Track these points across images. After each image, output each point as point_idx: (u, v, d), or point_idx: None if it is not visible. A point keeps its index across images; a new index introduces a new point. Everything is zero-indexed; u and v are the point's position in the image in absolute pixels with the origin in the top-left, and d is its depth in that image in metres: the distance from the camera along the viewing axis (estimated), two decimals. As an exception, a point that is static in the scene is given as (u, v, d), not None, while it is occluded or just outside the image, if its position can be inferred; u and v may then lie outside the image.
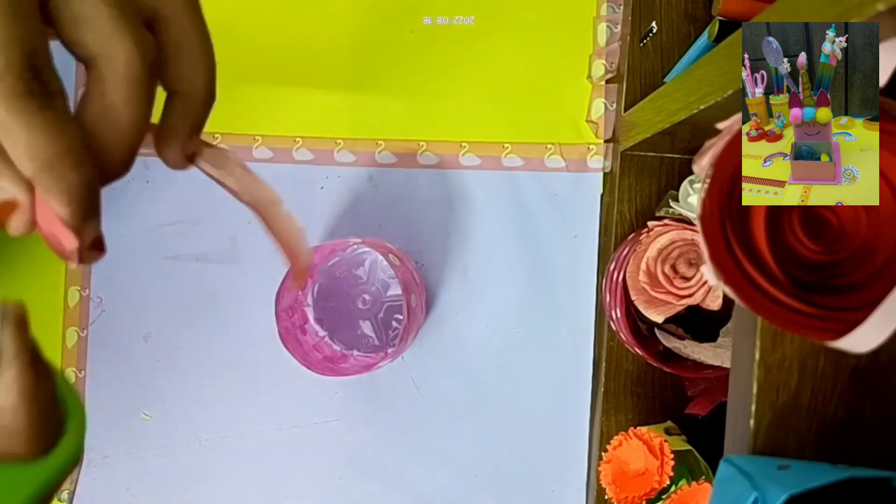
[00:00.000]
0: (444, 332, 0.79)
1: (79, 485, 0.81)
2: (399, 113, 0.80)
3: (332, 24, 0.80)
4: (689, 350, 0.59)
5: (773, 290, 0.32)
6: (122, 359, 0.81)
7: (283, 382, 0.79)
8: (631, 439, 0.62)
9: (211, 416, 0.81)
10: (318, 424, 0.80)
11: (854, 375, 0.37)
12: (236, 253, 0.81)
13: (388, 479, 0.79)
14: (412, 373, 0.79)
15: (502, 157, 0.79)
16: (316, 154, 0.80)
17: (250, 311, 0.79)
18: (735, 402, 0.40)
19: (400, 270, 0.71)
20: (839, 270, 0.34)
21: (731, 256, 0.33)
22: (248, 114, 0.80)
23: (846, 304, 0.33)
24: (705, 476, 0.60)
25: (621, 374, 0.72)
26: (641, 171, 0.71)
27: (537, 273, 0.78)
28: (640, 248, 0.62)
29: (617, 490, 0.61)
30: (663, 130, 0.57)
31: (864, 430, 0.38)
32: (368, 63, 0.80)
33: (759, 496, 0.30)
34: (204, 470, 0.81)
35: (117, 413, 0.81)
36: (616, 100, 0.73)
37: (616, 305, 0.64)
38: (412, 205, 0.79)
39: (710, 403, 0.66)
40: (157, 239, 0.81)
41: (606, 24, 0.77)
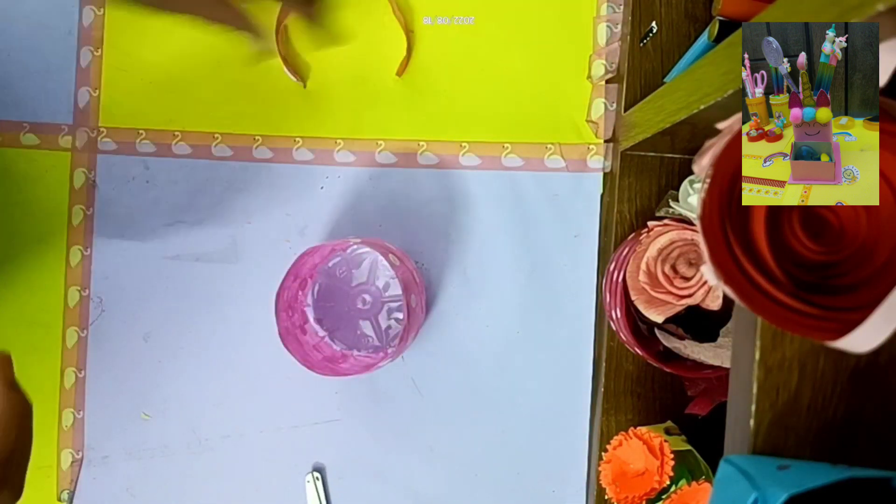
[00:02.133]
0: (444, 332, 0.79)
1: (79, 485, 0.81)
2: (399, 113, 0.80)
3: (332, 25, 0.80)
4: (689, 350, 0.59)
5: (773, 290, 0.32)
6: (122, 359, 0.81)
7: (283, 382, 0.79)
8: (631, 439, 0.62)
9: (211, 416, 0.81)
10: (318, 424, 0.80)
11: (854, 375, 0.37)
12: (236, 253, 0.81)
13: (388, 479, 0.79)
14: (412, 373, 0.79)
15: (502, 157, 0.79)
16: (316, 154, 0.80)
17: (250, 311, 0.80)
18: (735, 402, 0.40)
19: (400, 270, 0.71)
20: (839, 270, 0.34)
21: (731, 256, 0.33)
22: (249, 114, 0.80)
23: (846, 304, 0.33)
24: (705, 476, 0.60)
25: (621, 374, 0.72)
26: (641, 171, 0.71)
27: (537, 273, 0.78)
28: (640, 248, 0.62)
29: (617, 490, 0.61)
30: (663, 130, 0.57)
31: (864, 430, 0.38)
32: (368, 63, 0.80)
33: (759, 496, 0.30)
34: (204, 470, 0.81)
35: (117, 413, 0.81)
36: (616, 100, 0.73)
37: (616, 305, 0.64)
38: (412, 205, 0.79)
39: (710, 403, 0.66)
40: (157, 239, 0.81)
41: (606, 24, 0.77)
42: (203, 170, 0.81)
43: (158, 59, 0.81)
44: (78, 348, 0.81)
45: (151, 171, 0.81)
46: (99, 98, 0.81)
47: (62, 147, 0.81)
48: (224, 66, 0.81)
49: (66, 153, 0.81)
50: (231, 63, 0.81)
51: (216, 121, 0.80)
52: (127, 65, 0.81)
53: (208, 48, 0.81)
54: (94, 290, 0.81)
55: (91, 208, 0.81)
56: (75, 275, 0.81)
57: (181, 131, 0.81)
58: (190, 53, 0.81)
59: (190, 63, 0.81)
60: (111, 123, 0.81)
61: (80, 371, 0.81)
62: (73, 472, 0.81)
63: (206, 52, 0.81)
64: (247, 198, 0.81)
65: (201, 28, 0.41)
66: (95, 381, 0.81)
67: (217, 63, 0.81)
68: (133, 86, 0.81)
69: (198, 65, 0.81)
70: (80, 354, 0.81)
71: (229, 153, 0.81)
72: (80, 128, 0.81)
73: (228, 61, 0.81)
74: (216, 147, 0.81)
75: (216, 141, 0.80)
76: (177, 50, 0.81)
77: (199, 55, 0.81)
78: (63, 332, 0.81)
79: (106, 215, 0.81)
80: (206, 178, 0.81)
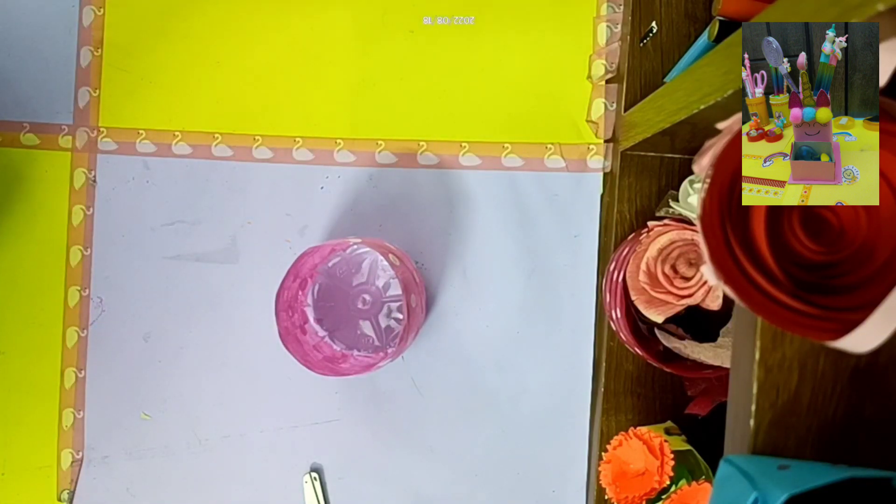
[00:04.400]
0: (444, 332, 0.79)
1: (79, 485, 0.81)
2: (399, 113, 0.80)
3: (333, 25, 0.80)
4: (689, 350, 0.59)
5: (773, 290, 0.32)
6: (122, 359, 0.81)
7: (283, 382, 0.79)
8: (631, 439, 0.62)
9: (211, 416, 0.81)
10: (318, 424, 0.80)
11: (854, 375, 0.37)
12: (236, 253, 0.81)
13: (388, 479, 0.79)
14: (412, 373, 0.79)
15: (502, 157, 0.79)
16: (316, 154, 0.80)
17: (250, 311, 0.80)
18: (735, 402, 0.40)
19: (400, 270, 0.71)
20: (839, 270, 0.34)
21: (731, 256, 0.33)
22: (249, 114, 0.80)
23: (846, 304, 0.33)
24: (705, 476, 0.60)
25: (621, 374, 0.72)
26: (641, 171, 0.71)
27: (537, 273, 0.78)
28: (640, 248, 0.62)
29: (617, 490, 0.61)
30: (663, 130, 0.57)
31: (864, 430, 0.38)
32: (368, 63, 0.80)
33: (759, 496, 0.30)
34: (204, 470, 0.81)
35: (117, 413, 0.81)
36: (616, 100, 0.73)
37: (616, 305, 0.64)
38: (412, 205, 0.79)
39: (710, 403, 0.66)
40: (157, 239, 0.81)
41: (606, 24, 0.77)
42: (203, 170, 0.81)
43: (158, 59, 0.81)
44: (78, 348, 0.81)
45: (151, 171, 0.81)
46: (99, 98, 0.81)
47: (62, 147, 0.81)
48: (224, 66, 0.81)
49: (66, 153, 0.81)
50: (230, 63, 0.81)
51: (216, 121, 0.80)
52: (127, 65, 0.81)
53: (208, 48, 0.81)
54: (94, 290, 0.81)
55: (91, 208, 0.81)
56: (75, 275, 0.81)
57: (181, 131, 0.81)
58: (190, 53, 0.81)
59: (190, 63, 0.81)
60: (111, 123, 0.81)
61: (80, 371, 0.81)
62: (73, 472, 0.81)
63: (207, 52, 0.81)
64: (247, 198, 0.81)
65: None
66: (95, 381, 0.81)
67: (217, 63, 0.81)
68: (133, 86, 0.81)
69: (198, 65, 0.81)
70: (80, 354, 0.81)
71: (229, 153, 0.81)
72: (80, 128, 0.81)
73: (228, 61, 0.81)
74: (216, 147, 0.81)
75: (216, 141, 0.80)
76: (177, 50, 0.81)
77: (199, 55, 0.81)
78: (63, 332, 0.81)
79: (106, 215, 0.81)
80: (206, 178, 0.81)
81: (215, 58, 0.81)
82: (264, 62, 0.81)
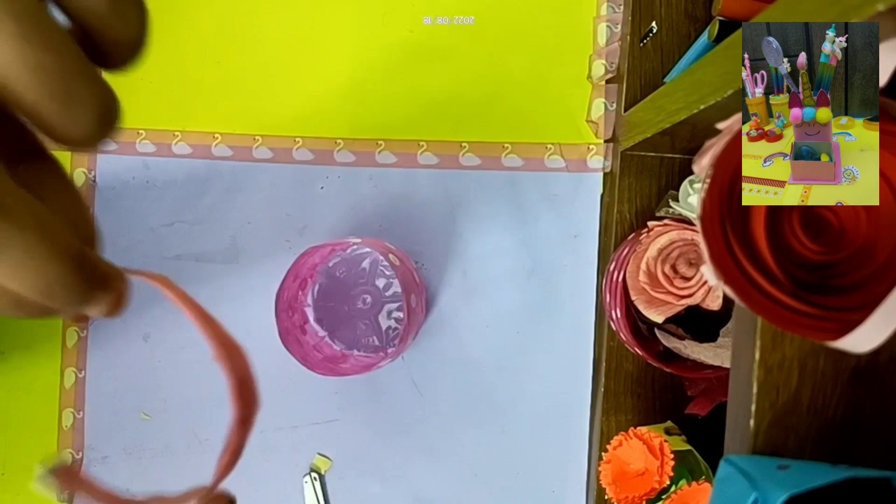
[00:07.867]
0: (444, 332, 0.79)
1: (79, 485, 0.81)
2: (399, 113, 0.80)
3: (333, 25, 0.80)
4: (689, 350, 0.59)
5: (773, 290, 0.32)
6: (122, 359, 0.81)
7: (283, 382, 0.79)
8: (631, 439, 0.62)
9: (211, 416, 0.80)
10: (318, 424, 0.80)
11: (854, 375, 0.37)
12: (236, 253, 0.81)
13: (388, 479, 0.79)
14: (412, 373, 0.79)
15: (502, 157, 0.79)
16: (316, 154, 0.80)
17: (250, 311, 0.80)
18: (735, 402, 0.40)
19: (400, 270, 0.71)
20: (839, 270, 0.34)
21: (731, 256, 0.33)
22: (248, 114, 0.80)
23: (846, 304, 0.33)
24: (705, 476, 0.60)
25: (621, 374, 0.72)
26: (641, 171, 0.71)
27: (537, 273, 0.78)
28: (640, 248, 0.62)
29: (617, 490, 0.61)
30: (663, 130, 0.57)
31: (864, 430, 0.38)
32: (369, 63, 0.80)
33: (759, 496, 0.30)
34: (204, 470, 0.80)
35: (117, 413, 0.81)
36: (616, 100, 0.73)
37: (616, 305, 0.64)
38: (412, 205, 0.79)
39: (710, 403, 0.66)
40: (157, 239, 0.81)
41: (606, 24, 0.77)
42: (203, 170, 0.81)
43: (158, 59, 0.81)
44: (78, 348, 0.81)
45: (151, 171, 0.81)
46: (99, 98, 0.81)
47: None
48: (224, 66, 0.81)
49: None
50: (230, 62, 0.81)
51: (216, 121, 0.80)
52: (127, 65, 0.81)
53: (208, 48, 0.81)
54: (94, 290, 0.81)
55: (91, 208, 0.81)
56: (75, 275, 0.81)
57: (181, 131, 0.81)
58: (190, 53, 0.81)
59: (190, 63, 0.81)
60: (111, 123, 0.81)
61: (80, 371, 0.81)
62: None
63: (206, 52, 0.81)
64: (247, 198, 0.80)
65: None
66: (95, 381, 0.81)
67: (217, 63, 0.81)
68: (133, 86, 0.81)
69: (198, 65, 0.81)
70: (80, 354, 0.81)
71: (229, 153, 0.80)
72: (80, 128, 0.81)
73: (228, 61, 0.81)
74: (216, 147, 0.80)
75: (216, 141, 0.80)
76: (177, 50, 0.81)
77: (199, 55, 0.81)
78: (63, 332, 0.81)
79: (106, 215, 0.81)
80: (206, 178, 0.81)
81: (215, 58, 0.81)
82: (264, 62, 0.81)
